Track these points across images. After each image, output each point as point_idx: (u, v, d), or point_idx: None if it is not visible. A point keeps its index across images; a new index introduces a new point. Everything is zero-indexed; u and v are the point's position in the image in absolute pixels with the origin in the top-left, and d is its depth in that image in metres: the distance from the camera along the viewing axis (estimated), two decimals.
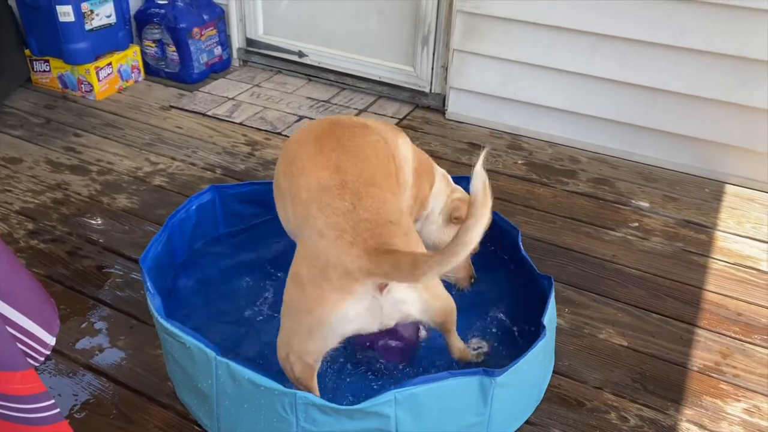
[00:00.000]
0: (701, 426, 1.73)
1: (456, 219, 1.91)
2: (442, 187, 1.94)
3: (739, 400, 1.81)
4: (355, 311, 1.37)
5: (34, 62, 3.44)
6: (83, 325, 1.96)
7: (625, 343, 1.99)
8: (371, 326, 1.41)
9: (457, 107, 3.29)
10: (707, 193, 2.78)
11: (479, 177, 1.18)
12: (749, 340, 2.02)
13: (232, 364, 1.47)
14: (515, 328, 1.95)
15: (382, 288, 1.37)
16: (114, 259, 2.25)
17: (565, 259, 2.34)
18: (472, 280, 1.96)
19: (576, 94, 2.99)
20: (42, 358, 1.74)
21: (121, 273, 2.18)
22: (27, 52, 3.41)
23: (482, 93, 3.19)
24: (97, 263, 2.22)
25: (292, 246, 2.17)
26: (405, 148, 1.81)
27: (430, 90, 3.38)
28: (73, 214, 2.48)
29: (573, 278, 2.24)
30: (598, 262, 2.33)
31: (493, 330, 1.97)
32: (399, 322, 1.46)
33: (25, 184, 2.66)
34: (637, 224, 2.55)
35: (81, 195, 2.60)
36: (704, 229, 2.54)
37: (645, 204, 2.69)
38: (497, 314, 2.03)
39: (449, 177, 2.01)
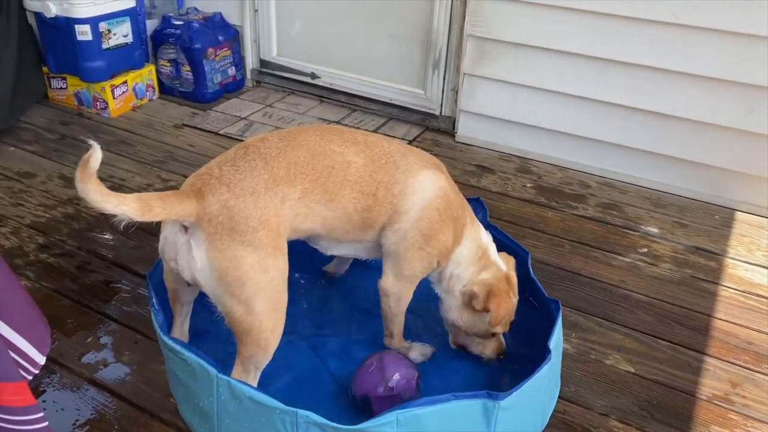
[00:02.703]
0: None
1: (472, 308, 1.76)
2: (469, 252, 1.76)
3: (748, 431, 1.78)
4: (163, 236, 1.54)
5: (52, 79, 3.50)
6: (89, 340, 1.96)
7: (633, 370, 1.96)
8: (172, 258, 1.51)
9: (466, 130, 3.31)
10: (717, 220, 2.77)
11: None
12: (759, 369, 1.99)
13: (234, 382, 1.46)
14: (521, 352, 1.93)
15: (185, 229, 1.48)
16: (122, 274, 2.26)
17: (573, 284, 2.32)
18: (500, 355, 1.86)
19: (585, 118, 3.00)
20: (30, 377, 1.74)
21: (129, 288, 2.19)
22: (45, 69, 3.47)
23: (492, 116, 3.20)
24: (105, 278, 2.24)
25: (301, 263, 2.19)
26: (423, 183, 1.68)
27: (441, 113, 3.40)
28: (84, 229, 2.50)
29: (580, 303, 2.22)
30: (606, 287, 2.31)
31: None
32: (190, 279, 1.51)
33: (38, 198, 2.69)
34: (645, 250, 2.53)
35: (92, 210, 2.61)
36: (714, 256, 2.52)
37: (654, 230, 2.67)
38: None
39: (489, 245, 1.81)
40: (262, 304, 1.49)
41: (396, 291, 1.76)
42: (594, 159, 3.06)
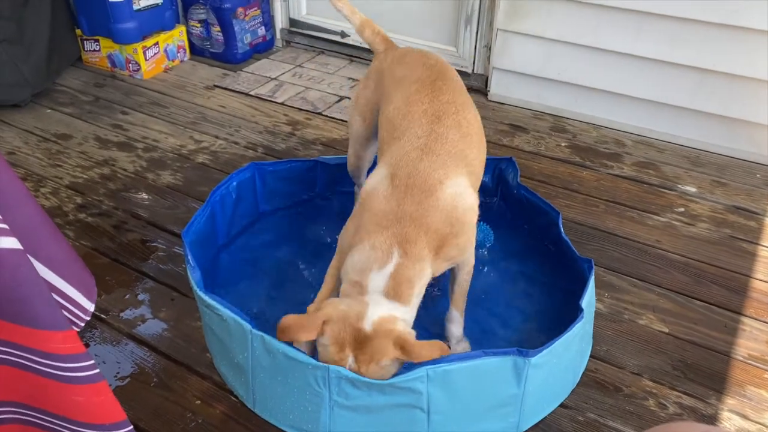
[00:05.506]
0: (744, 416, 1.69)
1: None
2: (351, 261, 1.52)
3: None
4: None
5: (85, 41, 3.52)
6: (127, 296, 2.02)
7: (666, 330, 1.94)
8: None
9: (499, 88, 3.25)
10: (759, 179, 2.68)
11: None
12: None
13: (267, 338, 1.50)
14: (553, 311, 1.93)
15: None
16: (157, 233, 2.30)
17: (607, 244, 2.29)
18: None
19: (621, 74, 2.91)
20: (82, 324, 1.80)
21: (164, 247, 2.23)
22: (78, 31, 3.50)
23: (525, 73, 3.13)
24: (141, 237, 2.28)
25: (330, 223, 2.20)
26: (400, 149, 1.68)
27: (473, 70, 3.34)
28: (120, 190, 2.55)
29: (614, 263, 2.20)
30: (641, 247, 2.27)
31: (531, 312, 1.95)
32: None
33: (75, 159, 2.74)
34: (682, 209, 2.48)
35: (127, 171, 2.66)
36: (754, 216, 2.45)
37: (692, 189, 2.61)
38: (535, 297, 2.01)
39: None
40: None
41: None
42: (630, 117, 2.98)
